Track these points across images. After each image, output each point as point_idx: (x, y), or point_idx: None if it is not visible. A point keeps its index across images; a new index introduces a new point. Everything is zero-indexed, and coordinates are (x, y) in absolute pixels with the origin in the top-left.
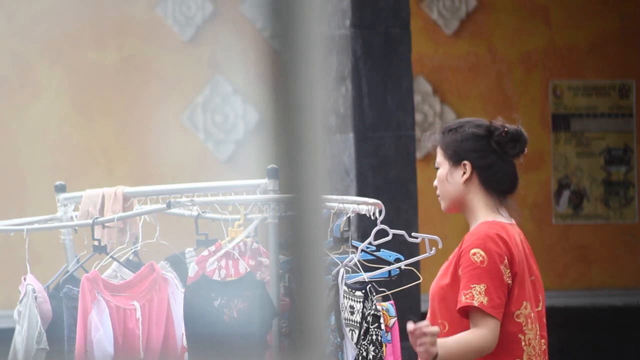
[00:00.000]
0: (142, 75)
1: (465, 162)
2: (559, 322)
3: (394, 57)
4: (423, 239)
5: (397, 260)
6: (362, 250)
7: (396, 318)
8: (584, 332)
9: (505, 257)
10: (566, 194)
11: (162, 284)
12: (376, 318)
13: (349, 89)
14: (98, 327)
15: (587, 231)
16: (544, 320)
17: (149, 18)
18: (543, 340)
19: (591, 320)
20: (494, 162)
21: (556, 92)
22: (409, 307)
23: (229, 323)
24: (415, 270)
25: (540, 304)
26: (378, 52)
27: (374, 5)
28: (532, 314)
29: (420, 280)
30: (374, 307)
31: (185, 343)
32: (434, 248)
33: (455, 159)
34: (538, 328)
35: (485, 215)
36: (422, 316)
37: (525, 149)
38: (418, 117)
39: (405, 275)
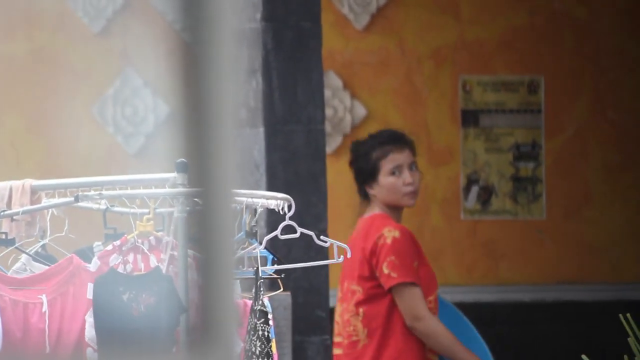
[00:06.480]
0: (52, 67)
1: None
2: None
3: (305, 51)
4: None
5: (273, 260)
6: (265, 248)
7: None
8: (493, 328)
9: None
10: (475, 189)
11: (84, 276)
12: (263, 313)
13: (259, 83)
14: None
15: (495, 227)
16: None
17: (59, 9)
18: (347, 314)
19: (500, 315)
20: None
21: (465, 87)
22: (318, 303)
23: (138, 318)
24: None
25: (346, 283)
26: (289, 46)
27: None
28: (340, 295)
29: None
30: (260, 302)
31: (87, 338)
32: (342, 256)
33: None
34: (345, 305)
35: None
36: (331, 312)
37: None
38: (328, 111)
39: (314, 271)
